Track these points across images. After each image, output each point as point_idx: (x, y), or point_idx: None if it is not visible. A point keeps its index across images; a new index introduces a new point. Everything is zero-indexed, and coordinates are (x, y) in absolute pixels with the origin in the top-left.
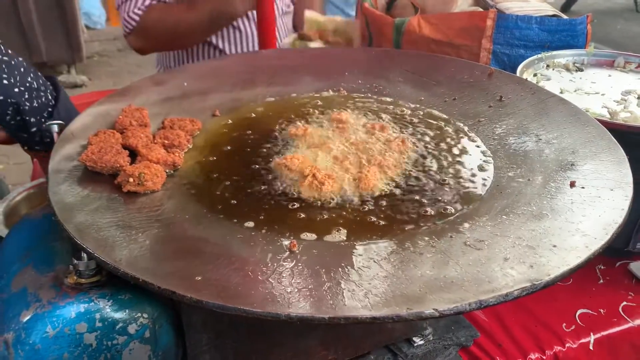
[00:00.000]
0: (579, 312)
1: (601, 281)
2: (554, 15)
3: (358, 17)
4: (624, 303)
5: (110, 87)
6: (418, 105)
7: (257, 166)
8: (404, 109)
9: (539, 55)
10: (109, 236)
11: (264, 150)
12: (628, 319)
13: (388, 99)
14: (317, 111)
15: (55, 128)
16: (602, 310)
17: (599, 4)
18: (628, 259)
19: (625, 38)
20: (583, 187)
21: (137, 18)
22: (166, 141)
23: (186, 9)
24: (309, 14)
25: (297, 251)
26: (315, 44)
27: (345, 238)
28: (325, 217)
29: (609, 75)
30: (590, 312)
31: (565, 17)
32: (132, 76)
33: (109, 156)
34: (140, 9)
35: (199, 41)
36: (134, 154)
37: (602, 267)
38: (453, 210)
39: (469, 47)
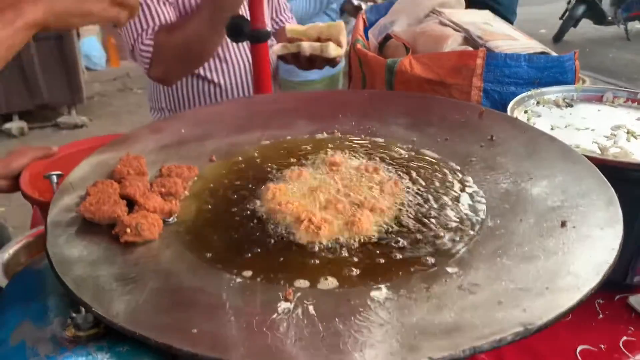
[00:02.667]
0: (579, 348)
1: (601, 316)
2: (542, 53)
3: (352, 57)
4: (624, 338)
5: (111, 127)
6: (410, 146)
7: (252, 211)
8: (397, 150)
9: (529, 93)
10: (106, 289)
11: (260, 194)
12: (629, 354)
13: (381, 140)
14: (311, 154)
15: (54, 178)
16: (602, 346)
17: (591, 33)
18: (627, 292)
19: (618, 66)
20: (574, 227)
21: (149, 48)
22: (163, 189)
23: (187, 18)
24: (289, 26)
25: (292, 300)
26: (306, 44)
27: (338, 284)
28: (320, 262)
29: (599, 110)
30: (591, 348)
31: (553, 53)
32: (132, 116)
33: (107, 207)
34: (149, 38)
35: (213, 47)
36: (132, 203)
37: (601, 302)
38: (447, 255)
39: (461, 85)
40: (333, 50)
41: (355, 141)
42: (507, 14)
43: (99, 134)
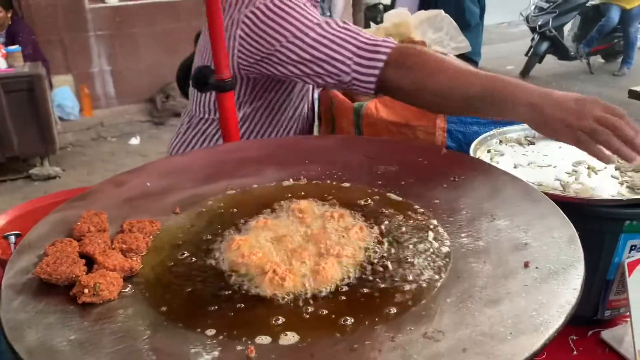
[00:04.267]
0: None
1: (575, 352)
2: None
3: (322, 101)
4: None
5: (85, 177)
6: (376, 190)
7: (216, 264)
8: (362, 194)
9: (491, 132)
10: (61, 357)
11: (224, 246)
12: None
13: (347, 185)
14: (277, 202)
15: (12, 239)
16: None
17: (556, 68)
18: (600, 327)
19: None
20: (537, 267)
21: (387, 50)
22: (124, 245)
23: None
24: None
25: (254, 357)
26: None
27: (300, 339)
28: (284, 316)
29: (560, 147)
30: None
31: None
32: (106, 164)
33: (65, 267)
34: (387, 42)
35: (443, 110)
36: (92, 262)
37: (575, 338)
38: (412, 301)
39: (425, 127)
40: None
41: (322, 187)
42: (472, 56)
43: (72, 184)
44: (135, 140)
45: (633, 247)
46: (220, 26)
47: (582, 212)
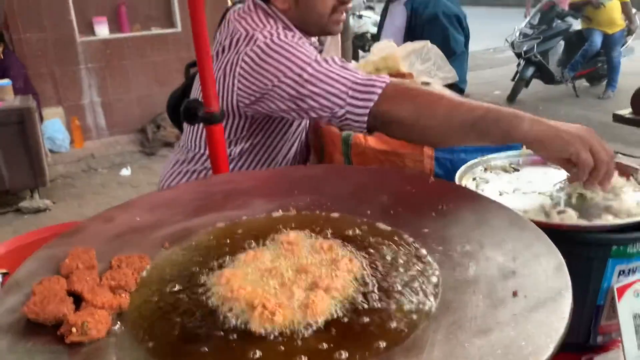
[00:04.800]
0: None
1: None
2: None
3: (310, 131)
4: None
5: (75, 209)
6: (365, 219)
7: (206, 299)
8: (351, 224)
9: (476, 160)
10: None
11: (212, 280)
12: None
13: (336, 215)
14: (267, 234)
15: None
16: None
17: (542, 92)
18: (592, 353)
19: (570, 121)
20: (525, 296)
21: (381, 85)
22: (113, 282)
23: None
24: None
25: None
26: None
27: None
28: (273, 352)
29: (544, 173)
30: None
31: None
32: (96, 196)
33: (52, 306)
34: (381, 79)
35: (439, 142)
36: (80, 299)
37: None
38: (404, 332)
39: (413, 154)
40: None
41: (311, 218)
42: (458, 83)
43: (62, 217)
44: (126, 171)
45: (621, 272)
46: (208, 59)
47: (568, 239)
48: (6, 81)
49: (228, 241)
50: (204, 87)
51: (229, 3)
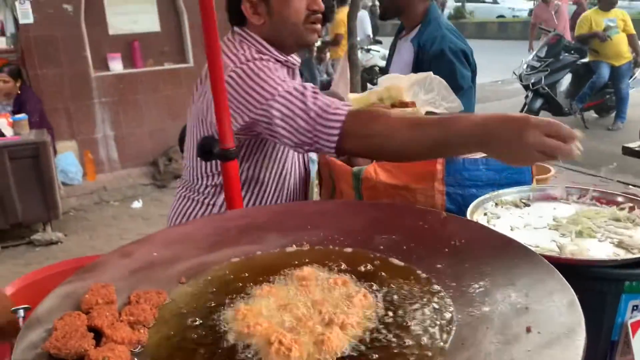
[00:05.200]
0: None
1: None
2: None
3: (322, 167)
4: None
5: (87, 242)
6: (378, 254)
7: (222, 335)
8: (365, 259)
9: (487, 195)
10: None
11: (228, 316)
12: None
13: (349, 250)
14: (281, 269)
15: (21, 312)
16: None
17: None
18: None
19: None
20: (539, 332)
21: (341, 118)
22: (132, 317)
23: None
24: (350, 95)
25: None
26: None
27: None
28: None
29: (554, 208)
30: None
31: None
32: (108, 229)
33: (74, 341)
34: (341, 107)
35: (417, 157)
36: (100, 334)
37: None
38: None
39: (424, 189)
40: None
41: (324, 253)
42: None
43: (74, 249)
44: (137, 204)
45: (635, 308)
46: (224, 97)
47: (581, 274)
48: (22, 116)
49: (243, 276)
50: (220, 124)
51: None
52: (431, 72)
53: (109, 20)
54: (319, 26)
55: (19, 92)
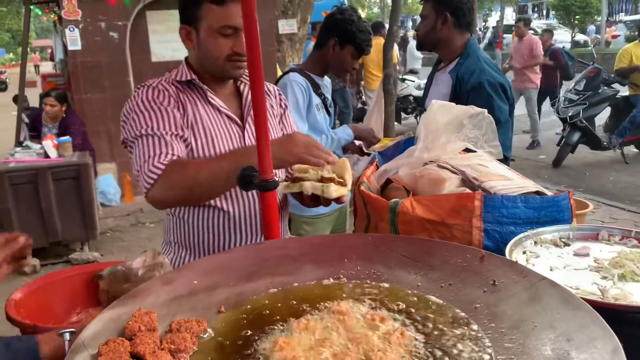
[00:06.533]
0: None
1: None
2: (537, 192)
3: (356, 198)
4: None
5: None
6: (415, 291)
7: None
8: (402, 296)
9: (526, 234)
10: None
11: (267, 347)
12: None
13: (386, 285)
14: (318, 302)
15: (67, 336)
16: None
17: (589, 158)
18: None
19: (619, 189)
20: None
21: (158, 170)
22: (172, 346)
23: (210, 159)
24: (296, 166)
25: None
26: (308, 184)
27: None
28: None
29: (600, 250)
30: None
31: (548, 193)
32: (142, 250)
33: None
34: (161, 162)
35: (219, 193)
36: None
37: None
38: None
39: (461, 226)
40: (334, 192)
41: (361, 287)
42: (503, 150)
43: None
44: None
45: None
46: (265, 130)
47: (624, 320)
48: (67, 138)
49: (281, 307)
50: (260, 155)
51: (279, 72)
52: (486, 111)
53: (152, 47)
54: (241, 64)
55: (64, 115)
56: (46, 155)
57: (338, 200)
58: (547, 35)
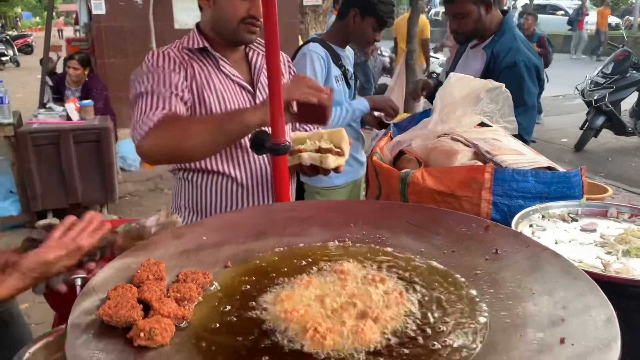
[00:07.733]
0: None
1: None
2: (548, 167)
3: (369, 168)
4: None
5: None
6: (418, 257)
7: (261, 318)
8: (404, 260)
9: (534, 207)
10: None
11: (269, 300)
12: None
13: (389, 249)
14: (321, 262)
15: (79, 281)
16: None
17: (612, 143)
18: None
19: None
20: (572, 344)
21: (151, 124)
22: (178, 294)
23: (199, 117)
24: (293, 134)
25: None
26: (305, 155)
27: None
28: None
29: (607, 227)
30: None
31: (560, 169)
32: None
33: (124, 310)
34: (156, 115)
35: (208, 152)
36: (148, 307)
37: None
38: None
39: (470, 198)
40: (332, 162)
41: (365, 250)
42: (524, 134)
43: None
44: None
45: None
46: (278, 94)
47: (625, 293)
48: (89, 102)
49: (285, 266)
50: (272, 120)
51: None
52: (504, 85)
53: (175, 14)
54: (255, 28)
55: (87, 79)
56: (68, 118)
57: (336, 169)
58: (531, 19)
